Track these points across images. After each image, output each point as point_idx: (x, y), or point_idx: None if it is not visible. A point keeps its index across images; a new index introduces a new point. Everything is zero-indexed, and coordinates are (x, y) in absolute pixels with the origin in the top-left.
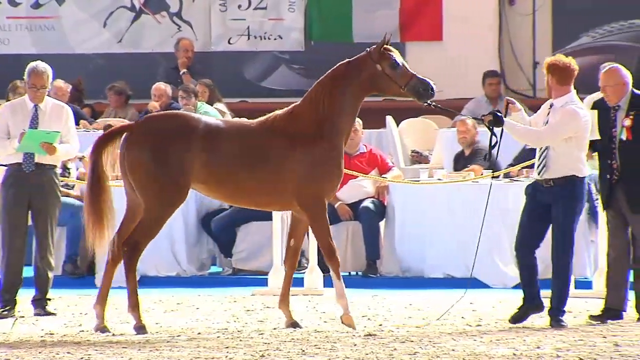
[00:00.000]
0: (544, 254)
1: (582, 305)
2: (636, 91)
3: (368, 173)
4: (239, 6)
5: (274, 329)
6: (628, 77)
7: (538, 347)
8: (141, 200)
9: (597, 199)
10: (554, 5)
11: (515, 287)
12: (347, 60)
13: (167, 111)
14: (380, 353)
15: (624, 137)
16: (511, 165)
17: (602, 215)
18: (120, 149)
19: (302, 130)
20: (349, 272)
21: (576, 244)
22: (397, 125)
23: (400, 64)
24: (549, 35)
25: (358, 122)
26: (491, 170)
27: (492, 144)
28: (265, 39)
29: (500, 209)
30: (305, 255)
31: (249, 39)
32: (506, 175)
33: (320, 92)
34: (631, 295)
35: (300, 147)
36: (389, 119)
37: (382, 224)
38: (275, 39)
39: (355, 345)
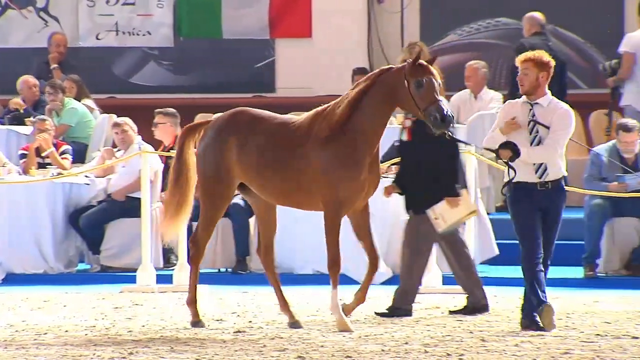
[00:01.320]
0: None
1: (450, 301)
2: None
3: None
4: (107, 1)
5: (143, 326)
6: None
7: (406, 343)
8: None
9: None
10: (422, 3)
11: (384, 283)
12: (390, 66)
13: (238, 108)
14: (250, 350)
15: (404, 138)
16: (381, 161)
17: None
18: None
19: (326, 131)
20: (219, 269)
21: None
22: None
23: (425, 85)
24: (417, 33)
25: None
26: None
27: (511, 177)
28: (133, 34)
29: (376, 208)
30: (175, 252)
31: (117, 34)
32: None
33: (353, 94)
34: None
35: (321, 148)
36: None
37: (251, 220)
38: (144, 35)
39: (224, 342)
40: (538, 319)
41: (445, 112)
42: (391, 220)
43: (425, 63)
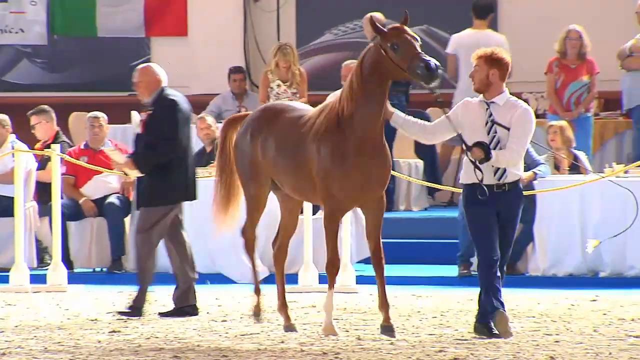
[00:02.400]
0: None
1: (338, 300)
2: (169, 90)
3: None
4: None
5: (16, 326)
6: (161, 74)
7: (282, 342)
8: None
9: None
10: (298, 2)
11: (263, 281)
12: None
13: (268, 103)
14: (125, 350)
15: (139, 131)
16: None
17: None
18: None
19: (324, 125)
20: (94, 269)
21: (319, 237)
22: None
23: (401, 45)
24: (293, 32)
25: (103, 118)
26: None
27: (480, 179)
28: (7, 32)
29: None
30: (49, 252)
31: None
32: None
33: (344, 86)
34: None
35: (318, 142)
36: (134, 114)
37: (127, 219)
38: (17, 33)
39: (99, 342)
40: (492, 325)
41: (428, 62)
42: (268, 220)
43: (397, 25)
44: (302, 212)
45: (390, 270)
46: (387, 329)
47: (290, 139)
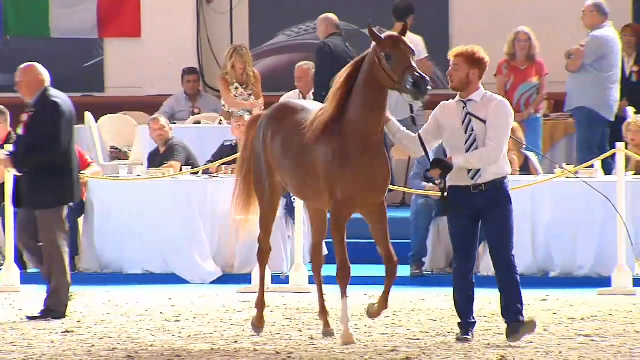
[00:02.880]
0: None
1: (279, 300)
2: (53, 91)
3: None
4: None
5: None
6: (44, 74)
7: (236, 342)
8: None
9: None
10: (251, 4)
11: (213, 282)
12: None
13: (282, 102)
14: (78, 350)
15: (20, 132)
16: (210, 162)
17: (301, 211)
18: None
19: (321, 126)
20: None
21: (274, 239)
22: (96, 121)
23: (394, 56)
24: (246, 33)
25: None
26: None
27: (443, 194)
28: None
29: (199, 206)
30: (2, 252)
31: None
32: (205, 172)
33: (338, 85)
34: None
35: (317, 145)
36: (88, 115)
37: (80, 220)
38: None
39: (52, 342)
40: (470, 334)
41: (418, 78)
42: (221, 220)
43: (393, 34)
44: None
45: None
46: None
47: (295, 141)
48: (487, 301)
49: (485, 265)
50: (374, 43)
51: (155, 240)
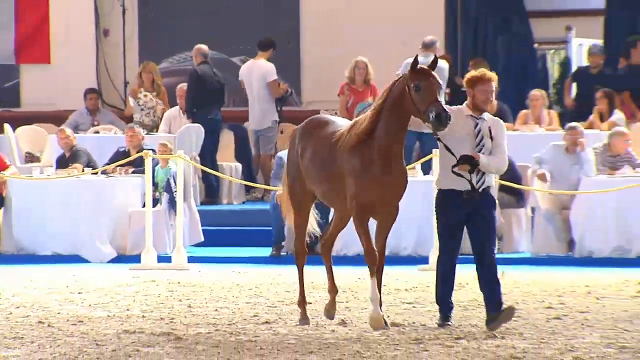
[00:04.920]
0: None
1: (163, 275)
2: None
3: None
4: None
5: None
6: None
7: (127, 310)
8: None
9: (175, 191)
10: (140, 36)
11: (109, 262)
12: (399, 75)
13: (315, 115)
14: None
15: None
16: (107, 164)
17: (182, 204)
18: None
19: (354, 139)
20: None
21: (158, 226)
22: (14, 131)
23: (423, 88)
24: (136, 61)
25: None
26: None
27: (473, 187)
28: None
29: (100, 201)
30: None
31: None
32: (103, 173)
33: (374, 106)
34: None
35: (347, 155)
36: (7, 126)
37: (0, 212)
38: None
39: None
40: (450, 320)
41: (441, 112)
42: (116, 211)
43: (424, 67)
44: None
45: (214, 252)
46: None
47: (324, 150)
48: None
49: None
50: (406, 72)
51: (63, 227)
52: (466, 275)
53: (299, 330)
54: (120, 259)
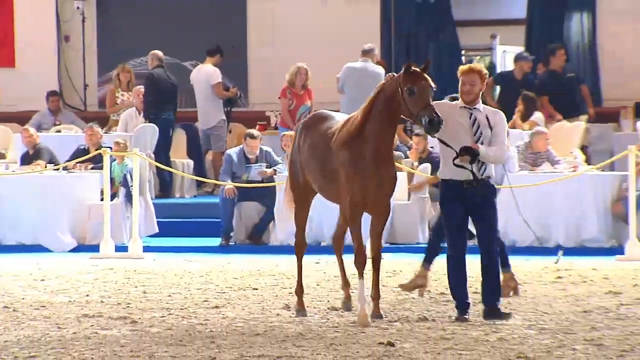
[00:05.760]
0: None
1: (121, 263)
2: None
3: None
4: None
5: None
6: None
7: (87, 295)
8: None
9: (132, 185)
10: (99, 42)
11: (70, 251)
12: (394, 74)
13: (317, 111)
14: None
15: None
16: (68, 161)
17: (137, 198)
18: None
19: (345, 136)
20: None
21: (116, 218)
22: None
23: (416, 92)
24: (95, 65)
25: None
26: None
27: (475, 177)
28: None
29: (61, 195)
30: None
31: None
32: (64, 169)
33: (365, 104)
34: None
35: (340, 152)
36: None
37: None
38: None
39: None
40: (467, 314)
41: (433, 117)
42: (77, 204)
43: (417, 70)
44: None
45: (168, 242)
46: (378, 315)
47: (321, 147)
48: (275, 264)
49: (274, 237)
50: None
51: (27, 219)
52: (400, 263)
53: (246, 314)
54: (81, 248)
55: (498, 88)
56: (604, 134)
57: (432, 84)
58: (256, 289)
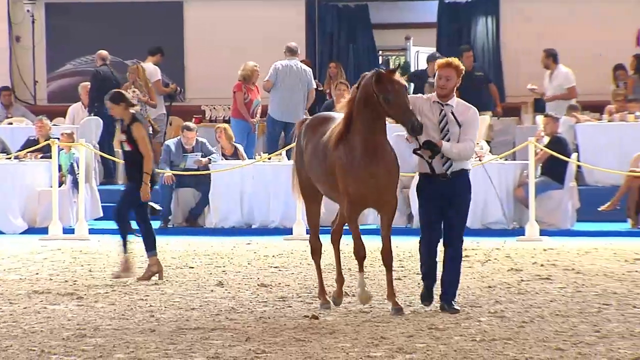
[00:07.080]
0: None
1: (72, 244)
2: None
3: None
4: None
5: None
6: None
7: (37, 274)
8: None
9: (78, 173)
10: (47, 42)
11: (22, 233)
12: (371, 72)
13: (319, 113)
14: None
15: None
16: (19, 150)
17: (83, 185)
18: None
19: (337, 135)
20: None
21: (63, 203)
22: None
23: (392, 100)
24: (44, 63)
25: None
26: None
27: (432, 171)
28: None
29: (13, 181)
30: None
31: None
32: (16, 157)
33: (345, 104)
34: None
35: (334, 151)
36: None
37: None
38: None
39: None
40: (433, 295)
41: (414, 123)
42: (28, 191)
43: (387, 76)
44: None
45: (112, 225)
46: (398, 310)
47: (321, 146)
48: (210, 245)
49: (209, 221)
50: (371, 74)
51: None
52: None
53: (183, 290)
54: (31, 230)
55: (412, 86)
56: (507, 127)
57: (405, 83)
58: (192, 268)
